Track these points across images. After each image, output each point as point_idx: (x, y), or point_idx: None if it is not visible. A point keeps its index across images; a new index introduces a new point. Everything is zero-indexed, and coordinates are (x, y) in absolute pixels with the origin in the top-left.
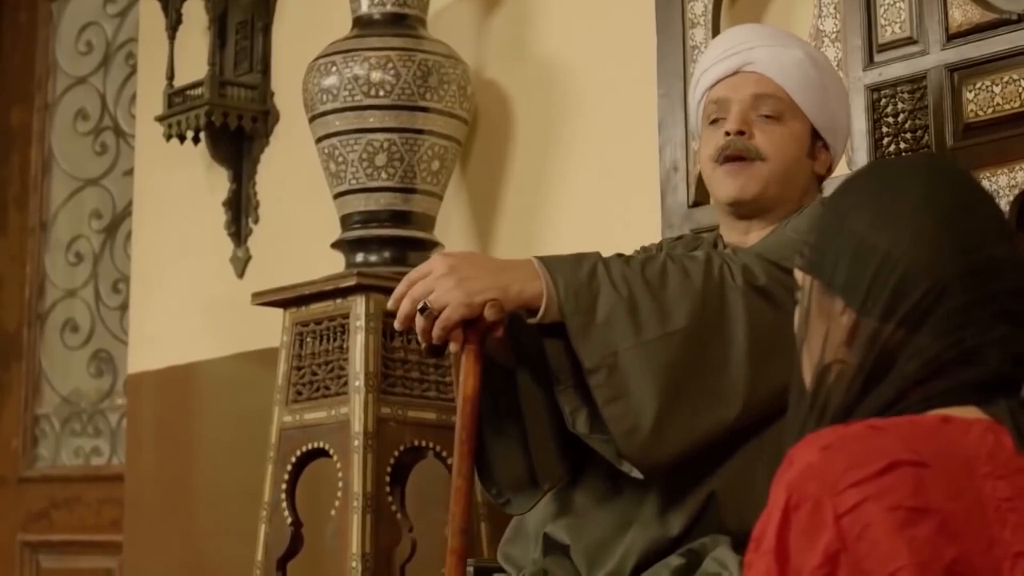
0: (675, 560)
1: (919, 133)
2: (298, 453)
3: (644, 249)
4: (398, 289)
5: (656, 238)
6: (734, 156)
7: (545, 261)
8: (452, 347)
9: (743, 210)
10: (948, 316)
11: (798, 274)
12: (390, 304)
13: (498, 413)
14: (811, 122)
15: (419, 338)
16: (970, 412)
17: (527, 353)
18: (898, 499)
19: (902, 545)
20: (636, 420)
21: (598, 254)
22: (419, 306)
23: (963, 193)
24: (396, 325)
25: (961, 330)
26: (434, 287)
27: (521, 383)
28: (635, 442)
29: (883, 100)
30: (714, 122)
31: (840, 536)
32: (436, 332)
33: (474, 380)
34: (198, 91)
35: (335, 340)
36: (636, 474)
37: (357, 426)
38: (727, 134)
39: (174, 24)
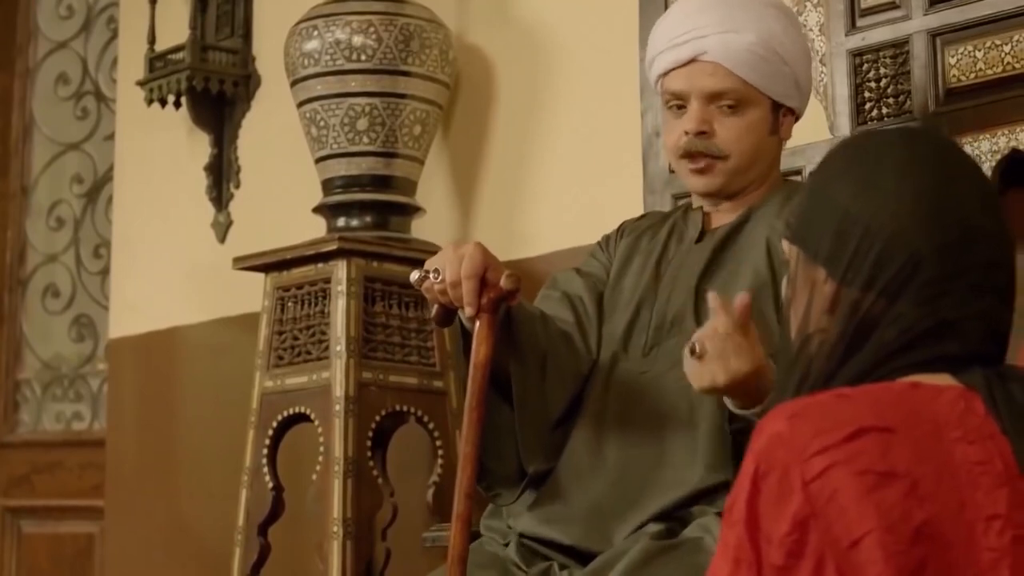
0: (656, 526)
1: (901, 98)
2: (279, 418)
3: (600, 244)
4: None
5: (639, 202)
6: (696, 155)
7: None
8: (468, 311)
9: (712, 198)
10: (925, 286)
11: (785, 244)
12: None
13: (490, 409)
14: (771, 98)
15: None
16: (943, 379)
17: (520, 343)
18: (866, 464)
19: (871, 509)
20: None
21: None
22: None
23: (945, 164)
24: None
25: (938, 300)
26: (711, 338)
27: (514, 372)
28: None
29: (865, 65)
30: (672, 108)
31: (809, 502)
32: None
33: (487, 348)
34: (179, 55)
35: (316, 305)
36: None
37: (338, 391)
38: (686, 133)
39: None
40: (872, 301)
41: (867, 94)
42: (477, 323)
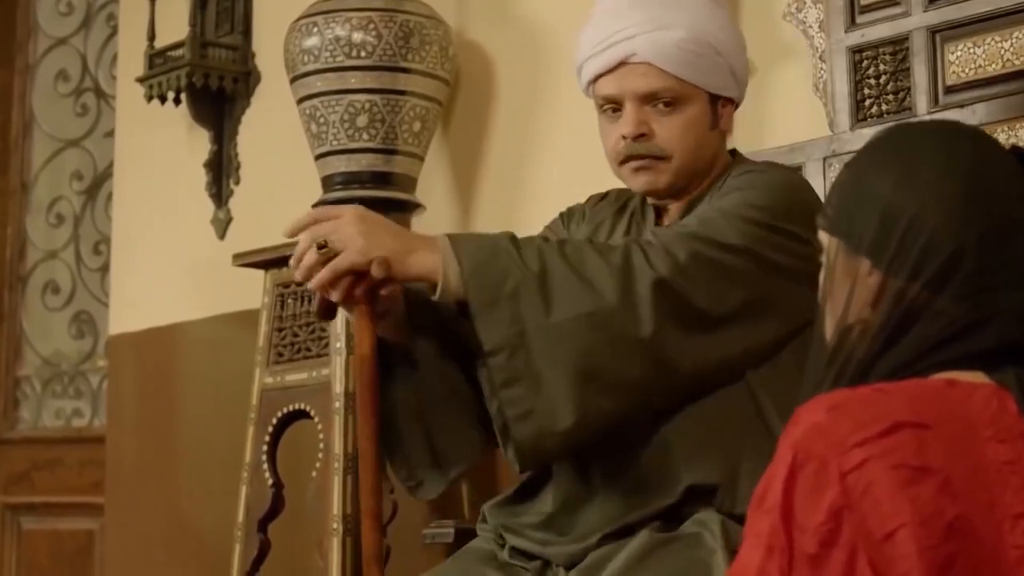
0: (654, 523)
1: (901, 95)
2: (279, 415)
3: (561, 215)
4: (300, 220)
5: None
6: (636, 158)
7: (452, 237)
8: (336, 295)
9: (658, 197)
10: (967, 280)
11: (822, 235)
12: (286, 231)
13: (396, 395)
14: (708, 91)
15: (310, 284)
16: (976, 377)
17: (424, 332)
18: (901, 458)
19: (904, 503)
20: (532, 406)
21: (511, 233)
22: (319, 242)
23: (983, 157)
24: (292, 262)
25: (979, 294)
26: (337, 230)
27: (421, 364)
28: (528, 429)
29: (865, 62)
30: (607, 113)
31: (845, 493)
32: (325, 275)
33: (369, 339)
34: (179, 52)
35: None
36: (515, 465)
37: (338, 387)
38: (624, 137)
39: None
40: (917, 292)
41: (867, 91)
42: (355, 316)
